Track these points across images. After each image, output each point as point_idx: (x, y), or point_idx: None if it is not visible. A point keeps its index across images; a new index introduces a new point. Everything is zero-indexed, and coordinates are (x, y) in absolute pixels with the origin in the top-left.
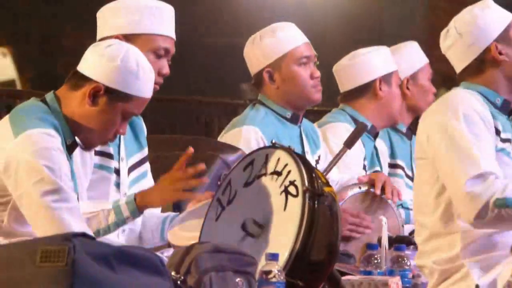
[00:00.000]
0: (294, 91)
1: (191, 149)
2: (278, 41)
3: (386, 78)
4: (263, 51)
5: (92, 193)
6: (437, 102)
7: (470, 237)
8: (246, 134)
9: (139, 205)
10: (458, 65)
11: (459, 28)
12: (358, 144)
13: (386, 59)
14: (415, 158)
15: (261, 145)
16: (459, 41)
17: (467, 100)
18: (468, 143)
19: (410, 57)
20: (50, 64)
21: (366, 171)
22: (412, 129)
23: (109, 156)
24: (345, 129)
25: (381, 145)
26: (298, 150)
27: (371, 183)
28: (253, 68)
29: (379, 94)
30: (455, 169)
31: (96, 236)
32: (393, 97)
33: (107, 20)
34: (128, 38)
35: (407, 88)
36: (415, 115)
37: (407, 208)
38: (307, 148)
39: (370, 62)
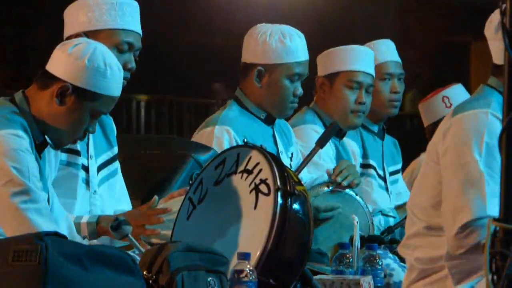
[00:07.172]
0: (273, 99)
1: (154, 198)
2: (282, 48)
3: (328, 78)
4: (264, 49)
5: (58, 190)
6: (466, 114)
7: None
8: (218, 133)
9: (99, 231)
10: (496, 59)
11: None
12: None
13: (332, 59)
14: (427, 150)
15: (234, 145)
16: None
17: (494, 127)
18: (481, 179)
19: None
20: (23, 64)
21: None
22: (385, 129)
23: (76, 153)
24: (312, 130)
25: (353, 145)
26: (272, 150)
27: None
28: (247, 58)
29: (318, 94)
30: (457, 205)
31: None
32: (333, 96)
33: (71, 18)
34: (89, 35)
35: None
36: (382, 116)
37: (386, 215)
38: (281, 148)
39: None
